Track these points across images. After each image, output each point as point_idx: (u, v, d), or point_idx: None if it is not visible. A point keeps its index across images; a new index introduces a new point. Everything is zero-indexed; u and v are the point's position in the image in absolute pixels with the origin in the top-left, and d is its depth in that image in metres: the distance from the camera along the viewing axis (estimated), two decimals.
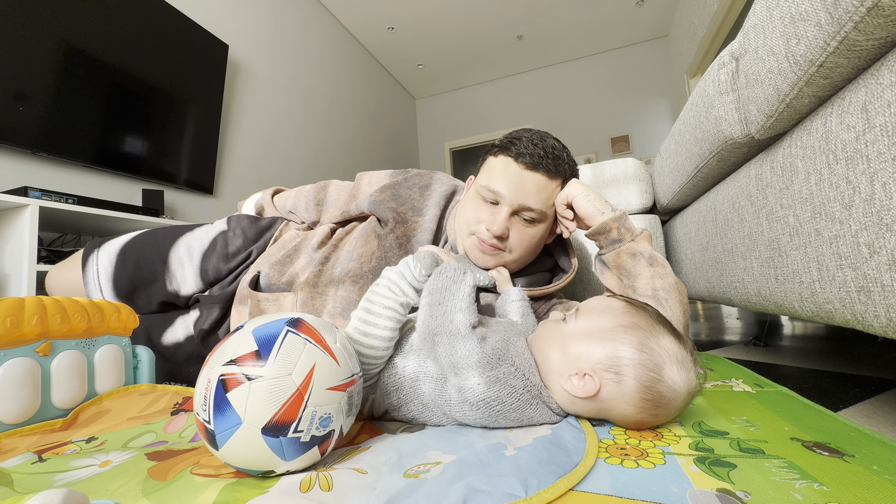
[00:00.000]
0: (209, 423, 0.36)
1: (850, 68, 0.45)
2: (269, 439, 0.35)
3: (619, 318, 0.48)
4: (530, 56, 4.96)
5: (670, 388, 0.44)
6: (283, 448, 0.36)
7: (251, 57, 2.92)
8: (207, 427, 0.36)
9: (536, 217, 0.74)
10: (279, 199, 1.04)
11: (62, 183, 1.77)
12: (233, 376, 0.36)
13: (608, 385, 0.45)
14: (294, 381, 0.36)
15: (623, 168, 1.35)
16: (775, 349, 1.07)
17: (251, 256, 0.88)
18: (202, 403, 0.37)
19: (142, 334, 0.83)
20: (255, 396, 0.35)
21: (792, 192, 0.58)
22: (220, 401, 0.36)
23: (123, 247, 0.88)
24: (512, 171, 0.73)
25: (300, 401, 0.36)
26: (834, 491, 0.32)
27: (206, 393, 0.37)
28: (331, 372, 0.39)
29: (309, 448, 0.37)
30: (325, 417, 0.37)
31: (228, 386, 0.36)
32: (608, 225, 0.70)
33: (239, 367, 0.37)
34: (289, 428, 0.35)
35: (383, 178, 0.94)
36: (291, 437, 0.36)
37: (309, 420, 0.36)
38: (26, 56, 1.60)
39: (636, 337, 0.46)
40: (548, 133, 0.78)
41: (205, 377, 0.38)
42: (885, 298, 0.42)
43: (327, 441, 0.39)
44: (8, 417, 0.50)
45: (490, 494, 0.32)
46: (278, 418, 0.35)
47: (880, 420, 0.55)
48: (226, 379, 0.36)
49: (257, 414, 0.35)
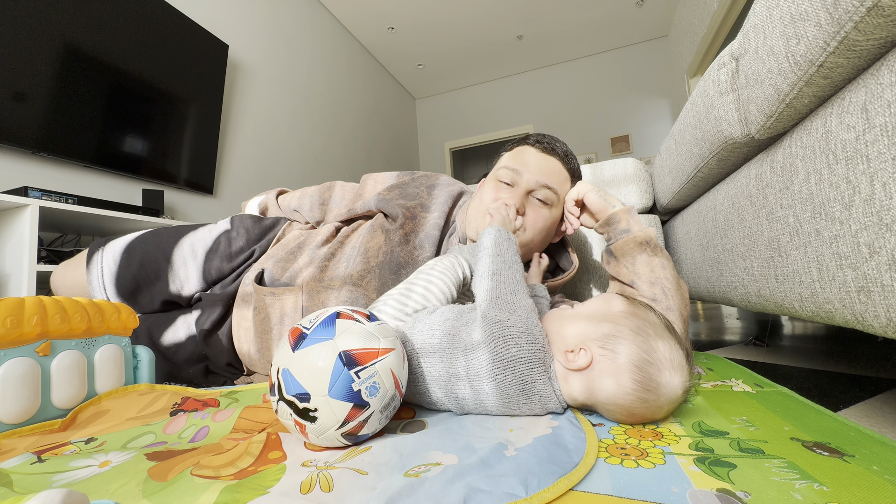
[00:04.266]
0: (308, 329, 0.45)
1: (850, 68, 0.45)
2: (338, 362, 0.42)
3: (620, 306, 0.51)
4: (530, 56, 4.96)
5: (661, 374, 0.45)
6: (338, 379, 0.42)
7: (251, 57, 2.92)
8: (304, 331, 0.45)
9: (550, 197, 0.78)
10: (283, 200, 1.04)
11: (62, 183, 1.77)
12: (347, 313, 0.47)
13: (600, 361, 0.47)
14: (380, 343, 0.45)
15: (623, 168, 1.35)
16: (775, 349, 1.07)
17: (254, 255, 0.88)
18: (311, 320, 0.46)
19: (143, 333, 0.83)
20: (354, 330, 0.45)
21: (792, 192, 0.58)
22: (329, 321, 0.46)
23: (128, 246, 0.88)
24: (530, 154, 0.80)
25: (374, 356, 0.44)
26: (834, 491, 0.32)
27: (320, 314, 0.47)
28: (398, 364, 0.47)
29: (348, 399, 0.42)
30: (375, 387, 0.43)
31: (341, 316, 0.47)
32: (618, 216, 0.73)
33: (353, 312, 0.48)
34: (355, 365, 0.43)
35: (389, 178, 0.95)
36: (350, 374, 0.42)
37: (368, 376, 0.43)
38: (26, 56, 1.60)
39: (634, 322, 0.48)
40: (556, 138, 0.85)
41: (321, 311, 0.48)
42: (885, 298, 0.42)
43: (359, 411, 0.42)
44: (8, 417, 0.50)
45: (490, 494, 0.32)
46: (356, 353, 0.43)
47: (880, 420, 0.55)
48: (341, 312, 0.47)
49: (347, 340, 0.44)
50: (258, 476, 0.38)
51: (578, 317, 0.53)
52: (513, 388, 0.48)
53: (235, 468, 0.40)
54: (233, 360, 0.83)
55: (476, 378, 0.49)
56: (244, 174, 2.82)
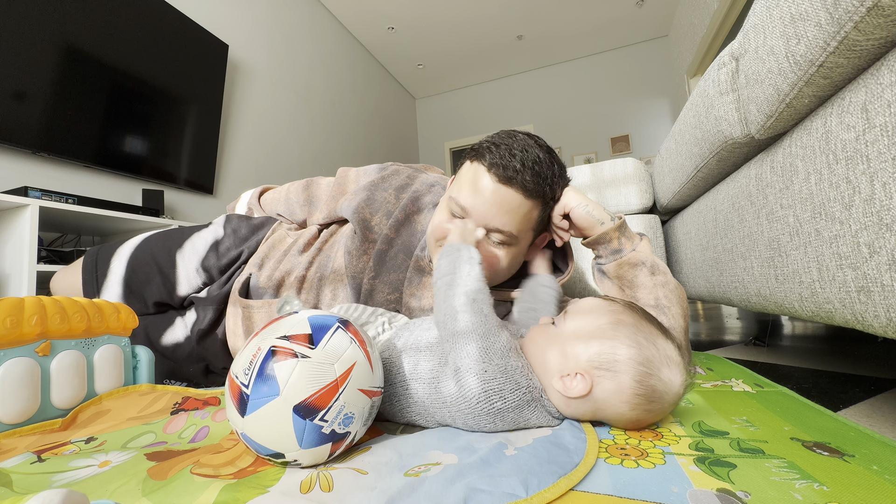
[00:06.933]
0: (247, 387, 0.37)
1: (850, 68, 0.45)
2: (296, 418, 0.36)
3: (606, 317, 0.48)
4: (530, 56, 4.96)
5: (662, 382, 0.45)
6: (305, 432, 0.37)
7: (251, 57, 2.92)
8: (243, 391, 0.38)
9: (506, 240, 0.67)
10: (267, 202, 1.01)
11: (62, 183, 1.77)
12: (284, 349, 0.38)
13: (601, 383, 0.45)
14: (335, 371, 0.38)
15: (623, 168, 1.35)
16: (775, 349, 1.07)
17: (242, 256, 0.88)
18: (246, 368, 0.38)
19: (140, 334, 0.83)
20: (298, 373, 0.37)
21: (792, 192, 0.58)
22: (265, 368, 0.38)
23: (120, 252, 0.88)
24: (482, 184, 0.64)
25: (335, 391, 0.38)
26: (834, 491, 0.32)
27: (253, 359, 0.39)
28: (365, 375, 0.41)
29: (324, 442, 0.38)
30: (349, 417, 0.39)
31: (278, 357, 0.38)
32: (608, 235, 0.66)
33: (291, 343, 0.39)
34: (317, 414, 0.37)
35: (365, 175, 0.89)
36: (316, 423, 0.37)
37: (336, 413, 0.38)
38: (26, 56, 1.59)
39: (624, 333, 0.46)
40: (536, 142, 0.68)
41: (255, 345, 0.40)
42: (885, 298, 0.42)
43: (341, 442, 0.39)
44: (7, 417, 0.50)
45: (490, 494, 0.32)
46: (312, 400, 0.37)
47: (880, 420, 0.55)
48: (277, 350, 0.38)
49: (296, 390, 0.37)
50: (258, 475, 0.38)
51: (566, 337, 0.49)
52: (507, 426, 0.47)
53: (235, 467, 0.40)
54: (229, 363, 0.83)
55: (467, 426, 0.47)
56: (244, 174, 2.82)
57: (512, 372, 0.46)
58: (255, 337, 0.41)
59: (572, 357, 0.47)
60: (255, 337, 0.41)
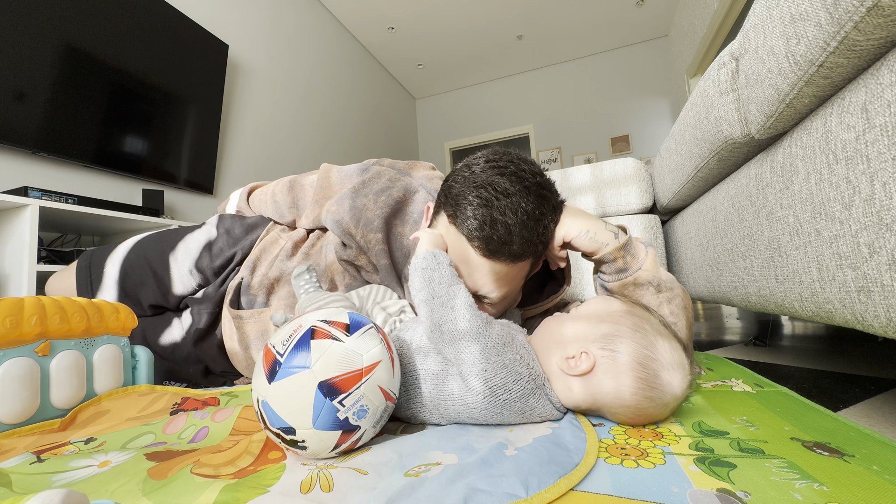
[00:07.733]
0: (282, 356, 0.40)
1: (850, 68, 0.45)
2: (318, 394, 0.39)
3: (616, 306, 0.52)
4: (530, 56, 4.96)
5: (664, 368, 0.45)
6: (322, 411, 0.39)
7: (251, 57, 2.92)
8: (277, 359, 0.40)
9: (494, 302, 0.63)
10: (255, 203, 1.00)
11: (62, 183, 1.77)
12: (323, 331, 0.42)
13: (603, 362, 0.46)
14: (363, 361, 0.41)
15: (623, 168, 1.35)
16: (775, 349, 1.07)
17: (236, 257, 0.88)
18: (285, 339, 0.42)
19: (138, 336, 0.83)
20: (330, 353, 0.40)
21: (792, 192, 0.58)
22: (303, 343, 0.41)
23: (114, 256, 0.88)
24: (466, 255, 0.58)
25: (358, 378, 0.40)
26: (834, 491, 0.32)
27: (293, 333, 0.42)
28: (387, 376, 0.43)
29: (335, 428, 0.40)
30: (364, 409, 0.41)
31: (316, 335, 0.42)
32: (612, 255, 0.63)
33: (330, 327, 0.43)
34: (338, 395, 0.39)
35: (352, 176, 0.86)
36: (335, 405, 0.39)
37: (354, 400, 0.40)
38: (26, 56, 1.59)
39: (632, 320, 0.49)
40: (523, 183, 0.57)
41: (297, 322, 0.44)
42: (885, 298, 0.42)
43: (349, 434, 0.41)
44: (7, 417, 0.50)
45: (490, 494, 0.32)
46: (337, 381, 0.40)
47: (880, 420, 0.55)
48: (316, 329, 0.42)
49: (325, 368, 0.40)
50: (258, 475, 0.38)
51: (576, 319, 0.52)
52: (513, 418, 0.48)
53: (235, 467, 0.40)
54: (227, 366, 0.84)
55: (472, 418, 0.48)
56: (244, 174, 2.82)
57: (511, 364, 0.47)
58: (297, 318, 0.45)
59: (579, 338, 0.49)
60: (297, 318, 0.45)
